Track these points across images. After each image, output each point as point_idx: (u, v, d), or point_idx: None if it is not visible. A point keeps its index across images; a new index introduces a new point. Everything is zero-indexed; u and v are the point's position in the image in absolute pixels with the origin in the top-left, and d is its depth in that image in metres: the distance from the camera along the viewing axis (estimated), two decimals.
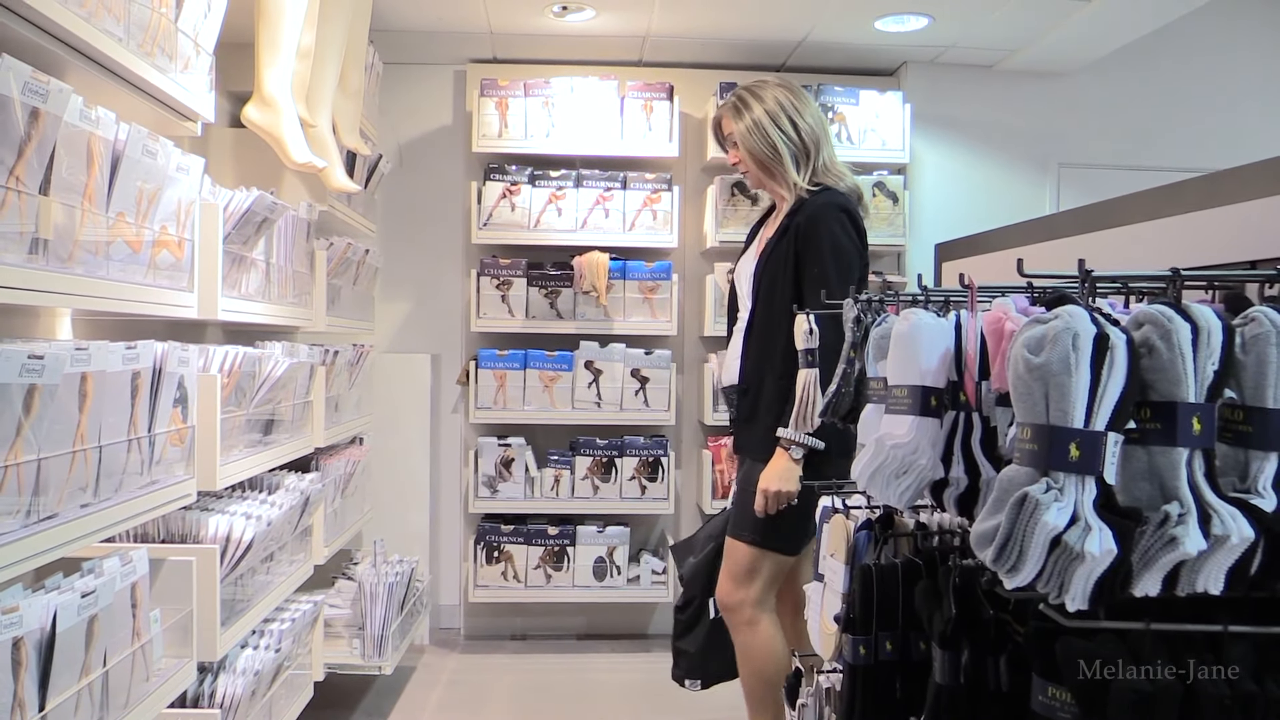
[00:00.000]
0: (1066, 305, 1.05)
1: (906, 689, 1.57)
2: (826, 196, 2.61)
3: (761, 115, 2.63)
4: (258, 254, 2.71)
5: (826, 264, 2.52)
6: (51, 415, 1.65)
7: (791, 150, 2.63)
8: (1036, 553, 1.00)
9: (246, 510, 2.60)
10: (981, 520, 1.06)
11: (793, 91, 2.70)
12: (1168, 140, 4.65)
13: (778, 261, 2.63)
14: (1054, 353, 1.01)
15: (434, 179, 4.50)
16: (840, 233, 2.56)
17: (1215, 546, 1.00)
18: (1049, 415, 1.02)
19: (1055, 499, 0.99)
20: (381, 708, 3.67)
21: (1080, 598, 1.01)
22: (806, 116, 2.66)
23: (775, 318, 2.58)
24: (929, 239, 4.48)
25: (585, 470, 4.28)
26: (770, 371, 2.59)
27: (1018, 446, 1.05)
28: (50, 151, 1.65)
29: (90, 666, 1.79)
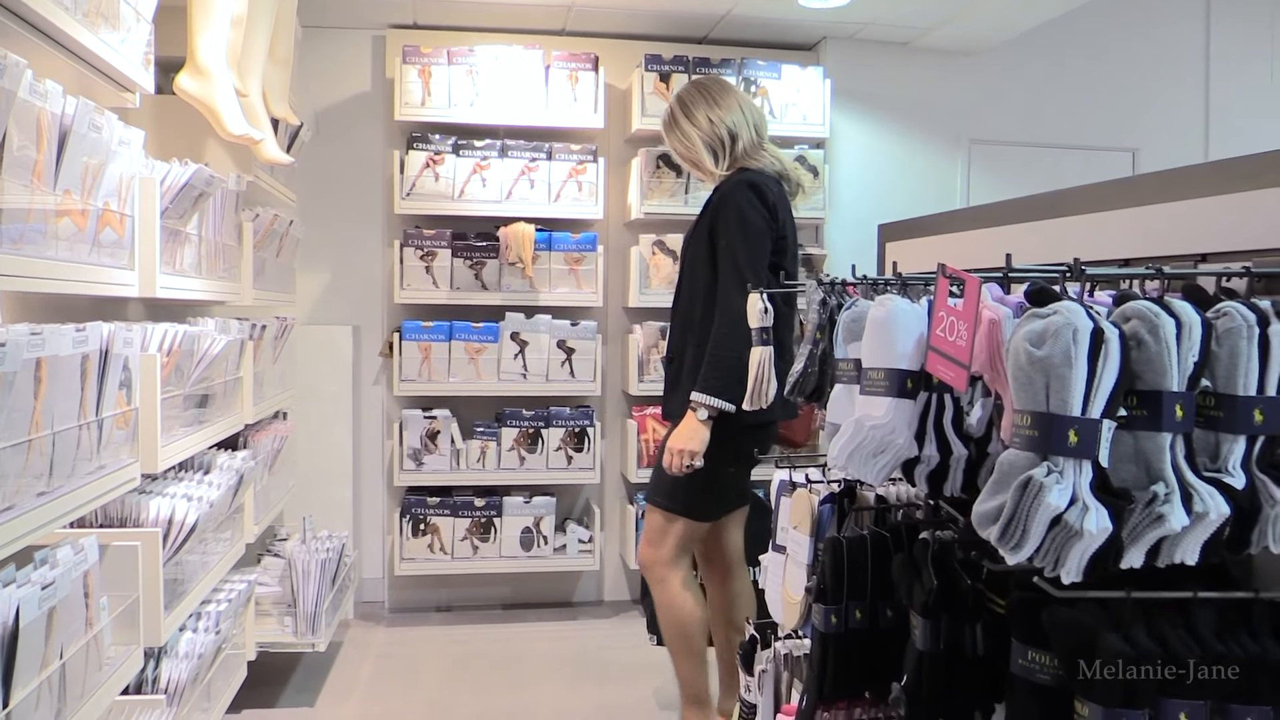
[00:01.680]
0: (1063, 301, 1.12)
1: (875, 655, 1.65)
2: (740, 176, 2.80)
3: (690, 129, 2.87)
4: (191, 229, 2.63)
5: (734, 236, 2.69)
6: (10, 404, 1.59)
7: (710, 145, 2.85)
8: (1038, 531, 1.07)
9: (186, 492, 2.55)
10: (983, 501, 1.13)
11: (720, 89, 2.91)
12: (1075, 118, 4.86)
13: (697, 239, 2.83)
14: (1056, 346, 1.08)
15: (353, 147, 4.40)
16: (746, 206, 2.72)
17: (1195, 522, 1.09)
18: (1049, 404, 1.09)
19: (1056, 481, 1.07)
20: (313, 684, 3.64)
21: (1075, 571, 1.09)
22: (731, 111, 2.87)
23: (696, 291, 2.79)
24: (848, 212, 4.61)
25: (511, 441, 4.29)
26: (691, 341, 2.77)
27: (1017, 432, 1.12)
28: (3, 129, 1.58)
29: (49, 659, 1.75)
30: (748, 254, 2.65)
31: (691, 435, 2.63)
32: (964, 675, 1.42)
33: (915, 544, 1.49)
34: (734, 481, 2.86)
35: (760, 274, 2.65)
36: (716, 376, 2.61)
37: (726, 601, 2.97)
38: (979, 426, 1.52)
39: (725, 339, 2.62)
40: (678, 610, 2.81)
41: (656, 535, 2.80)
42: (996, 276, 1.43)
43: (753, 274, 2.61)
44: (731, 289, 2.62)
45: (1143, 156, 4.90)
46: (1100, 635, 1.14)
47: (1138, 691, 1.13)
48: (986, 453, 1.52)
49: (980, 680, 1.42)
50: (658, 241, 4.36)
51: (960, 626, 1.42)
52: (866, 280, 1.73)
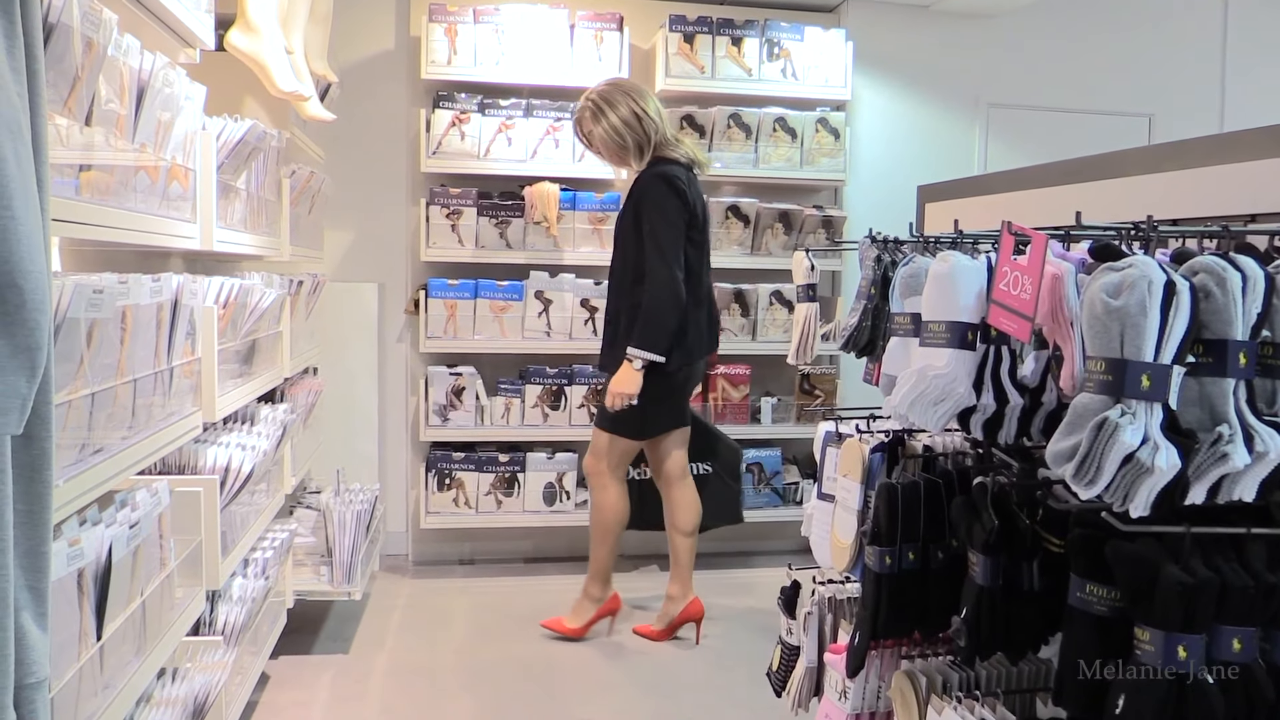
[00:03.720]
0: (1137, 255, 1.19)
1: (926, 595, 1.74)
2: (654, 169, 3.41)
3: (615, 120, 3.40)
4: (240, 184, 2.68)
5: (653, 219, 3.34)
6: (102, 349, 1.66)
7: (636, 141, 3.41)
8: (1111, 467, 1.15)
9: (239, 441, 2.62)
10: (1057, 440, 1.20)
11: (637, 92, 3.44)
12: (1092, 83, 4.90)
13: (625, 221, 3.47)
14: (1132, 297, 1.15)
15: (377, 106, 4.43)
16: (659, 194, 3.36)
17: (1256, 461, 1.17)
18: (1123, 350, 1.16)
19: (1130, 422, 1.14)
20: (345, 633, 3.74)
21: (1143, 505, 1.17)
22: (649, 111, 3.42)
23: (627, 263, 3.44)
24: (867, 174, 4.67)
25: (535, 398, 4.37)
26: (624, 307, 3.42)
27: (1090, 377, 1.19)
28: (96, 83, 1.64)
29: (133, 596, 1.83)
30: (666, 236, 3.32)
31: (630, 381, 3.32)
32: (1021, 609, 1.50)
33: (974, 487, 1.57)
34: (665, 409, 3.52)
35: (678, 250, 3.34)
36: (649, 334, 3.29)
37: (670, 507, 3.67)
38: (1033, 377, 1.60)
39: (655, 304, 3.29)
40: (606, 508, 3.57)
41: (601, 451, 3.53)
42: (1059, 234, 1.49)
43: (671, 252, 3.32)
44: (657, 264, 3.30)
45: (1159, 122, 4.95)
46: (1162, 566, 1.22)
47: (1195, 617, 1.21)
48: (1040, 402, 1.61)
49: (1036, 614, 1.51)
50: None
51: (1018, 564, 1.51)
52: (924, 238, 1.80)
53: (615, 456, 3.54)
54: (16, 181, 1.06)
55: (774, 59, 4.42)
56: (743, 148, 4.43)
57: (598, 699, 3.23)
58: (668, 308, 3.28)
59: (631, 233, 3.41)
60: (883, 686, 1.91)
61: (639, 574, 4.57)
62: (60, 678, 1.47)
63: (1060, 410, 1.56)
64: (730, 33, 4.38)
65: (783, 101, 4.49)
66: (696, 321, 3.44)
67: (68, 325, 1.47)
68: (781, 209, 4.50)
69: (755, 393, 4.62)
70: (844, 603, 2.11)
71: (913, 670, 1.76)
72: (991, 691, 1.69)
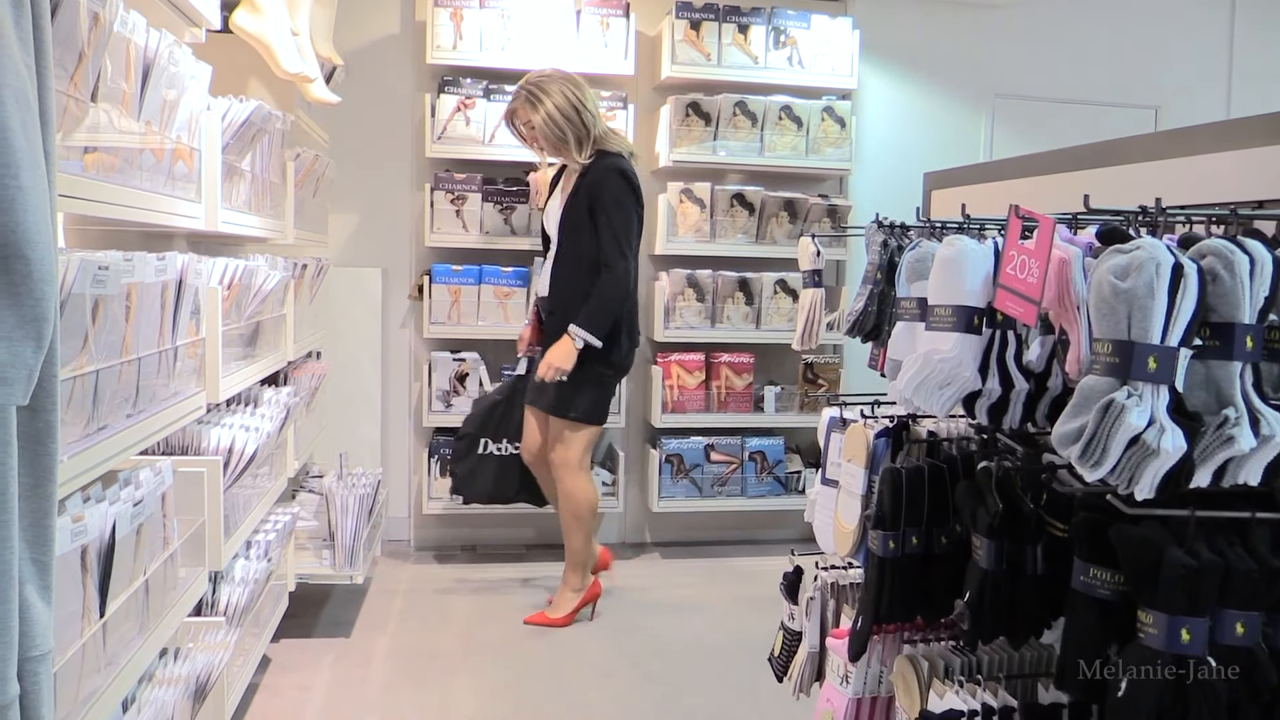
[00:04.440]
0: (1145, 237, 1.19)
1: (929, 579, 1.74)
2: (606, 162, 3.49)
3: (553, 109, 3.43)
4: (245, 165, 2.68)
5: (612, 214, 3.45)
6: (107, 326, 1.66)
7: (576, 134, 3.46)
8: (1117, 449, 1.15)
9: (243, 423, 2.62)
10: (1063, 423, 1.20)
11: (575, 84, 3.49)
12: (1098, 74, 4.89)
13: (577, 213, 3.51)
14: (1139, 279, 1.15)
15: (382, 90, 4.42)
16: (619, 189, 3.47)
17: (1262, 444, 1.17)
18: (1130, 332, 1.16)
19: (1136, 404, 1.14)
20: (346, 617, 3.75)
21: (1148, 488, 1.16)
22: (587, 103, 3.47)
23: (579, 256, 3.51)
24: (872, 164, 4.66)
25: None
26: (574, 299, 3.50)
27: (1097, 359, 1.19)
28: (102, 59, 1.63)
29: (136, 574, 1.83)
30: (624, 229, 3.46)
31: (567, 356, 3.43)
32: (1024, 593, 1.50)
33: (979, 471, 1.57)
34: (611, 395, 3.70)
35: (634, 244, 3.51)
36: (598, 319, 3.43)
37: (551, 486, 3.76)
38: (1039, 362, 1.60)
39: (611, 293, 3.44)
40: (579, 497, 3.62)
41: (567, 439, 3.58)
42: (1066, 219, 1.49)
43: (628, 244, 3.47)
44: (615, 256, 3.43)
45: (1165, 114, 4.93)
46: (1167, 549, 1.22)
47: (1199, 601, 1.21)
48: (1045, 387, 1.60)
49: (1038, 598, 1.51)
50: (685, 189, 4.41)
51: (1022, 548, 1.50)
52: (931, 223, 1.80)
53: (582, 445, 3.61)
54: (24, 152, 1.06)
55: (781, 47, 4.41)
56: (748, 136, 4.42)
57: (600, 685, 3.24)
58: (619, 298, 3.47)
59: (586, 223, 3.48)
60: (885, 671, 1.91)
61: (640, 561, 4.57)
62: (63, 654, 1.47)
63: (1065, 395, 1.56)
64: (737, 20, 4.37)
65: (789, 90, 4.48)
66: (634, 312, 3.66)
67: (73, 301, 1.47)
68: (787, 197, 4.49)
69: (759, 381, 4.62)
70: (846, 588, 2.11)
71: (915, 655, 1.76)
72: (993, 676, 1.69)
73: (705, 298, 4.47)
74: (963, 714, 1.57)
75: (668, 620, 3.83)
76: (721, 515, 4.65)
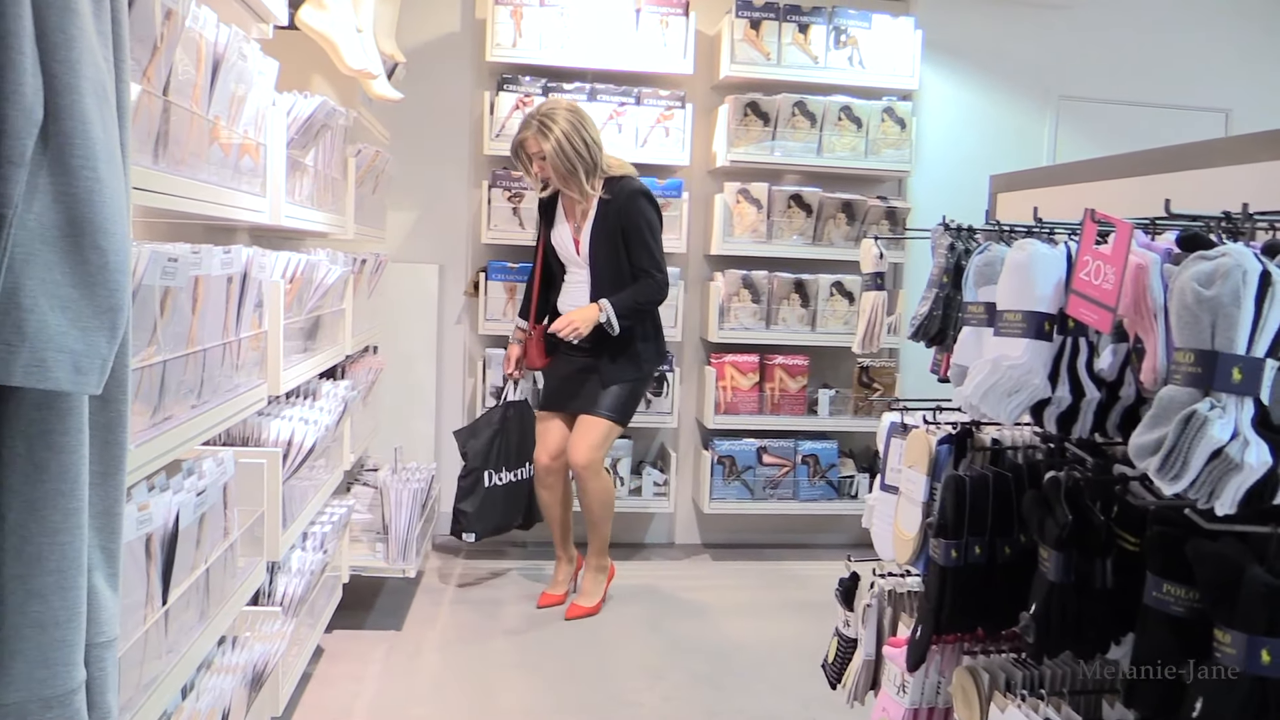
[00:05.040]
0: (1230, 244, 1.15)
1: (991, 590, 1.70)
2: (628, 185, 3.65)
3: (562, 137, 3.52)
4: (308, 160, 2.70)
5: (645, 234, 3.64)
6: (175, 318, 1.68)
7: (585, 166, 3.57)
8: (1198, 462, 1.11)
9: (302, 415, 2.65)
10: (1141, 434, 1.17)
11: (580, 115, 3.59)
12: (1167, 77, 4.78)
13: (609, 237, 3.66)
14: (1225, 286, 1.11)
15: (442, 87, 4.44)
16: (647, 211, 3.66)
17: None
18: (1214, 342, 1.12)
19: (1219, 416, 1.10)
20: (398, 609, 3.78)
21: (1230, 503, 1.13)
22: (593, 133, 3.60)
23: (618, 275, 3.67)
24: (932, 166, 4.60)
25: None
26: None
27: (1178, 369, 1.15)
28: (174, 54, 1.65)
29: (197, 563, 1.86)
30: (659, 246, 3.67)
31: (589, 321, 3.59)
32: (1092, 607, 1.46)
33: (1047, 481, 1.53)
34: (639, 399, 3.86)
35: (663, 257, 3.68)
36: (628, 308, 3.60)
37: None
38: (1111, 370, 1.55)
39: (648, 292, 3.63)
40: (607, 490, 3.79)
41: (602, 440, 3.69)
42: (1144, 224, 1.45)
43: (662, 259, 3.67)
44: (654, 268, 3.63)
45: (1236, 118, 4.81)
46: (1247, 566, 1.18)
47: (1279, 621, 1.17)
48: (1117, 396, 1.56)
49: (1107, 612, 1.47)
50: (742, 189, 4.38)
51: (1091, 561, 1.47)
52: (1000, 226, 1.76)
53: (608, 444, 3.78)
54: (102, 144, 1.07)
55: (841, 46, 4.37)
56: (807, 136, 4.38)
57: (649, 685, 3.23)
58: (655, 300, 3.67)
59: (620, 245, 3.65)
60: (943, 682, 1.88)
61: (691, 562, 4.56)
62: (127, 640, 1.49)
63: (1138, 405, 1.52)
64: (797, 19, 4.34)
65: (848, 90, 4.43)
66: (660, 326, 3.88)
67: (143, 292, 1.49)
68: (845, 199, 4.45)
69: (813, 384, 4.58)
70: (904, 596, 2.07)
71: (975, 666, 1.73)
72: (1057, 691, 1.65)
73: (760, 299, 4.44)
74: None
75: (718, 622, 3.81)
76: (773, 518, 4.62)
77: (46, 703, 1.15)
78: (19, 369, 1.01)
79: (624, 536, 4.60)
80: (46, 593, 1.14)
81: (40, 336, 1.02)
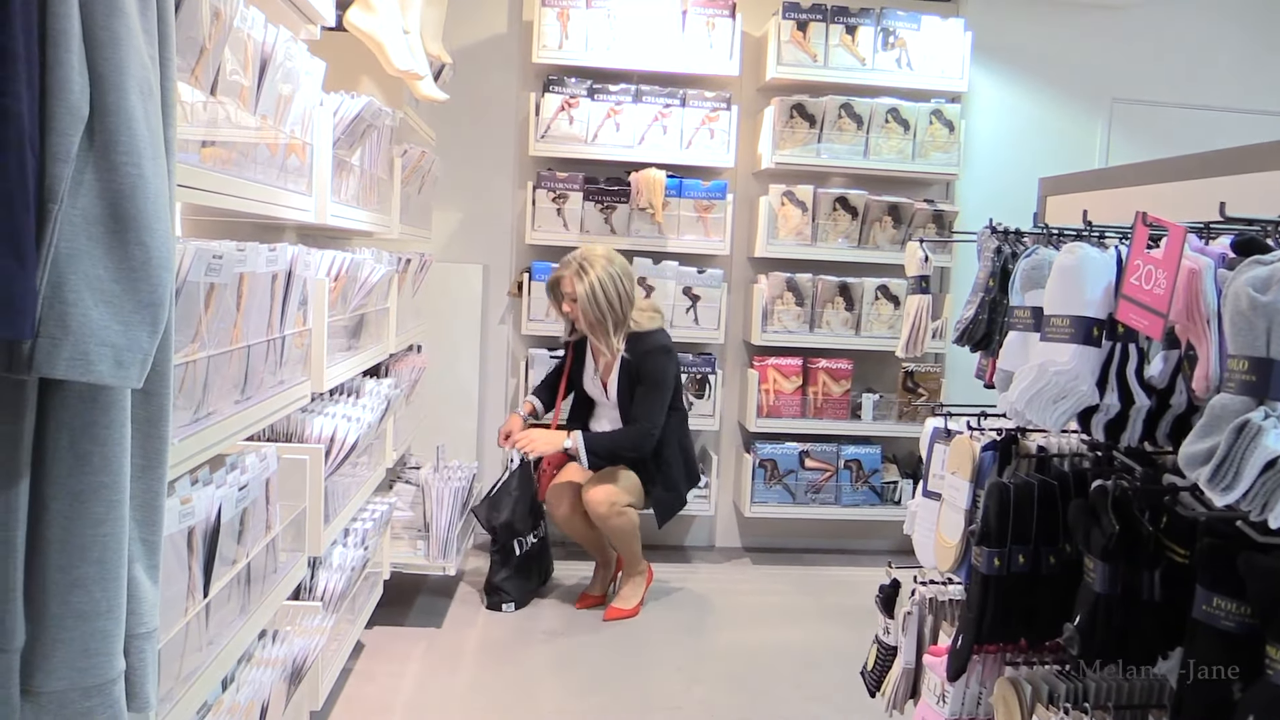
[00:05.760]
0: None
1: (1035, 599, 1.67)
2: (649, 342, 3.74)
3: (596, 283, 3.60)
4: (354, 160, 2.73)
5: (650, 388, 3.72)
6: (219, 314, 1.70)
7: (615, 319, 3.66)
8: (1251, 473, 1.08)
9: (345, 413, 2.67)
10: (1192, 443, 1.14)
11: (619, 268, 3.67)
12: (1226, 79, 4.67)
13: (630, 385, 3.77)
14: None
15: (488, 88, 4.46)
16: (666, 365, 3.74)
17: None
18: (1270, 349, 1.09)
19: (1274, 425, 1.07)
20: (438, 607, 3.80)
21: None
22: (626, 287, 3.66)
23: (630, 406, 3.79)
24: (981, 169, 4.54)
25: None
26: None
27: (1231, 377, 1.12)
28: (222, 54, 1.67)
29: (239, 556, 1.88)
30: (662, 401, 3.73)
31: (551, 446, 3.72)
32: (1138, 619, 1.43)
33: (1094, 490, 1.50)
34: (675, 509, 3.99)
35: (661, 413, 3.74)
36: (605, 449, 3.71)
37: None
38: (1161, 378, 1.52)
39: (631, 438, 3.71)
40: (633, 525, 3.76)
41: (621, 487, 3.72)
42: (1197, 228, 1.41)
43: (661, 413, 3.73)
44: (647, 416, 3.70)
45: None
46: None
47: None
48: (1168, 404, 1.52)
49: (1154, 625, 1.44)
50: (787, 192, 4.35)
51: (1138, 572, 1.43)
52: (1049, 229, 1.73)
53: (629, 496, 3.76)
54: (146, 141, 1.08)
55: (889, 48, 4.32)
56: (853, 138, 4.34)
57: (686, 689, 3.22)
58: (636, 446, 3.72)
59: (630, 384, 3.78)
60: (984, 693, 1.84)
61: (731, 566, 4.54)
62: (168, 632, 1.51)
63: (1189, 413, 1.48)
64: (845, 21, 4.30)
65: (896, 92, 4.39)
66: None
67: (187, 289, 1.51)
68: (891, 201, 4.40)
69: (856, 388, 4.54)
70: (945, 604, 2.04)
71: (1017, 677, 1.69)
72: (1101, 704, 1.61)
73: (804, 302, 4.41)
74: None
75: (757, 626, 3.79)
76: (814, 523, 4.58)
77: (87, 692, 1.17)
78: (62, 362, 1.03)
79: (664, 539, 4.59)
80: (89, 583, 1.16)
81: (83, 330, 1.03)
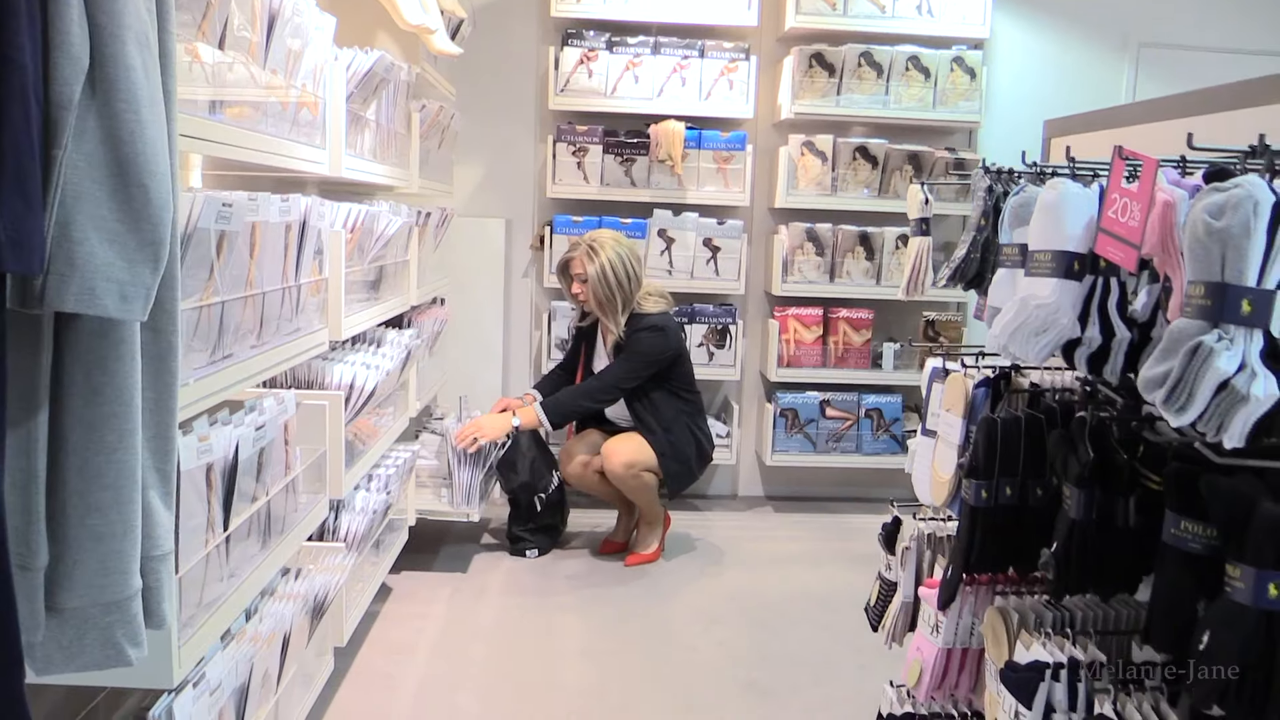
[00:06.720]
0: (1246, 176, 1.14)
1: (1022, 531, 1.71)
2: (660, 320, 3.80)
3: (606, 264, 3.70)
4: (369, 114, 2.78)
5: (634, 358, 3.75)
6: (232, 261, 1.77)
7: (623, 299, 3.75)
8: (1204, 394, 1.11)
9: (364, 360, 2.75)
10: (1150, 366, 1.17)
11: (627, 250, 3.76)
12: (1256, 21, 4.58)
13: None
14: (1235, 218, 1.10)
15: (507, 42, 4.48)
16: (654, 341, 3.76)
17: None
18: (1224, 274, 1.12)
19: (1226, 347, 1.10)
20: (464, 553, 3.90)
21: (1238, 436, 1.12)
22: (634, 268, 3.76)
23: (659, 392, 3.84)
24: (1003, 116, 4.50)
25: None
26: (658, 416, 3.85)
27: (1189, 302, 1.15)
28: (229, 8, 1.73)
29: (258, 494, 1.96)
30: (630, 366, 3.75)
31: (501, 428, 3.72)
32: (1114, 546, 1.47)
33: (1073, 420, 1.54)
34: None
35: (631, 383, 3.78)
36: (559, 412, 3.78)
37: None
38: (1144, 311, 1.54)
39: (588, 390, 3.81)
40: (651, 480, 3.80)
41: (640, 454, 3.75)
42: (1173, 161, 1.43)
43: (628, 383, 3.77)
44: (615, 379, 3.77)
45: None
46: (1259, 501, 1.18)
47: None
48: (1149, 337, 1.55)
49: (1130, 552, 1.48)
50: (807, 142, 4.36)
51: (1113, 499, 1.47)
52: (1036, 167, 1.75)
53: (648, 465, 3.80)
54: (143, 89, 1.15)
55: None
56: (873, 87, 4.32)
57: (705, 629, 3.30)
58: (597, 402, 3.82)
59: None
60: (976, 623, 1.89)
61: (752, 514, 4.60)
62: (187, 561, 1.60)
63: None
64: None
65: (917, 39, 4.36)
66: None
67: (198, 235, 1.58)
68: (911, 150, 4.39)
69: (877, 338, 4.56)
70: (943, 540, 2.09)
71: (1005, 607, 1.74)
72: (1085, 631, 1.66)
73: (825, 252, 4.42)
74: (1049, 666, 1.55)
75: (776, 571, 3.85)
76: (835, 471, 4.63)
77: (105, 608, 1.25)
78: (70, 296, 1.10)
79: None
80: (104, 507, 1.24)
81: (89, 267, 1.10)
